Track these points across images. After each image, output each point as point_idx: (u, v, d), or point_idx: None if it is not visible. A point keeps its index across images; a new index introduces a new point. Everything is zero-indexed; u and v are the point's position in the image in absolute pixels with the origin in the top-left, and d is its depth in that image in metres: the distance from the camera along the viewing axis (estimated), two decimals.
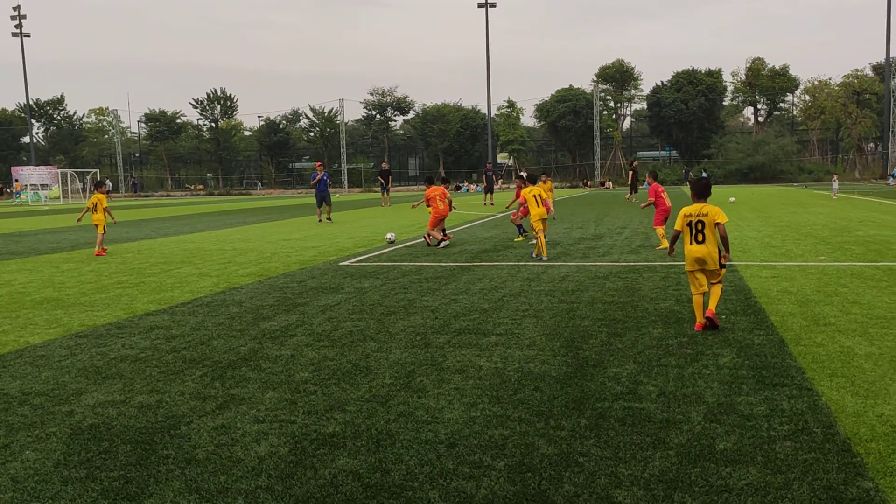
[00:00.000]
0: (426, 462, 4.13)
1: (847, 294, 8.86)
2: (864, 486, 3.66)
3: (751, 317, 7.72)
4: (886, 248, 13.37)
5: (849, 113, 74.87)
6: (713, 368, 5.81)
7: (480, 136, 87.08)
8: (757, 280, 10.10)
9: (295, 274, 11.99)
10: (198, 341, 7.25)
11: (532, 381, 5.60)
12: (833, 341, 6.59)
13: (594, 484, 3.80)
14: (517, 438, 4.45)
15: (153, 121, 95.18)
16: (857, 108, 74.83)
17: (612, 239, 16.61)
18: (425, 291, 9.87)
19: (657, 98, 78.34)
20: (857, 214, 22.50)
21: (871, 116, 74.26)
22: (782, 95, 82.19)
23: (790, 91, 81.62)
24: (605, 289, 9.71)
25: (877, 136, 76.41)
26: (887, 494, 3.58)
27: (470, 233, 19.50)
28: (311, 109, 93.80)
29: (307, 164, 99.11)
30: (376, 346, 6.89)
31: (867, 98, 74.91)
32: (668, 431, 4.49)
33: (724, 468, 3.93)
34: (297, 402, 5.24)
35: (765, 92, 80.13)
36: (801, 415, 4.70)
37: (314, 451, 4.34)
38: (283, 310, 8.81)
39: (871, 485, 3.68)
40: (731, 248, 13.83)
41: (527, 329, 7.42)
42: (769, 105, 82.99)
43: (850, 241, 14.76)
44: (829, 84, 77.33)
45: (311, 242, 17.65)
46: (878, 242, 14.29)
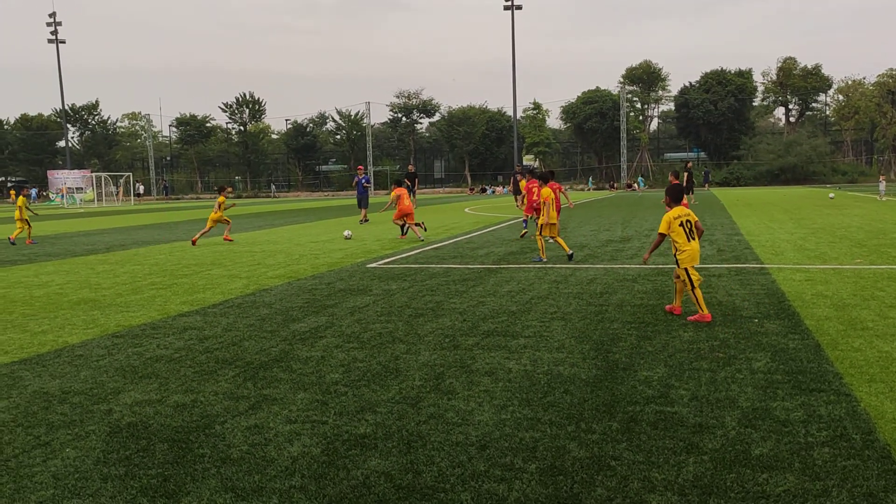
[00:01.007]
0: (457, 464, 4.14)
1: (885, 298, 8.71)
2: None
3: (785, 321, 7.61)
4: None
5: (884, 113, 73.60)
6: (747, 373, 5.75)
7: (506, 139, 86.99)
8: (790, 283, 9.97)
9: (323, 276, 12.07)
10: (230, 342, 7.33)
11: (562, 384, 5.58)
12: (871, 346, 6.48)
13: (627, 488, 3.78)
14: (548, 441, 4.44)
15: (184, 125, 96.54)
16: (893, 107, 73.50)
17: (640, 241, 16.49)
18: (453, 293, 9.88)
19: (685, 99, 77.67)
20: (893, 217, 22.09)
21: None
22: (815, 95, 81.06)
23: (823, 91, 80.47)
24: (634, 291, 9.64)
25: None
26: None
27: (496, 235, 19.47)
28: (338, 112, 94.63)
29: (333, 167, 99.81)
30: (405, 347, 6.91)
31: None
32: (701, 436, 4.44)
33: (761, 474, 3.88)
34: (328, 403, 5.28)
35: (796, 92, 79.08)
36: (840, 421, 4.63)
37: (346, 451, 4.36)
38: (313, 311, 8.87)
39: None
40: (764, 250, 13.74)
41: (555, 331, 7.39)
42: (801, 105, 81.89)
43: (886, 243, 14.51)
44: (863, 83, 76.15)
45: (339, 244, 17.75)
46: None
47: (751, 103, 79.64)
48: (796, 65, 78.12)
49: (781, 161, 70.59)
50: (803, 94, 79.46)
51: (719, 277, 10.64)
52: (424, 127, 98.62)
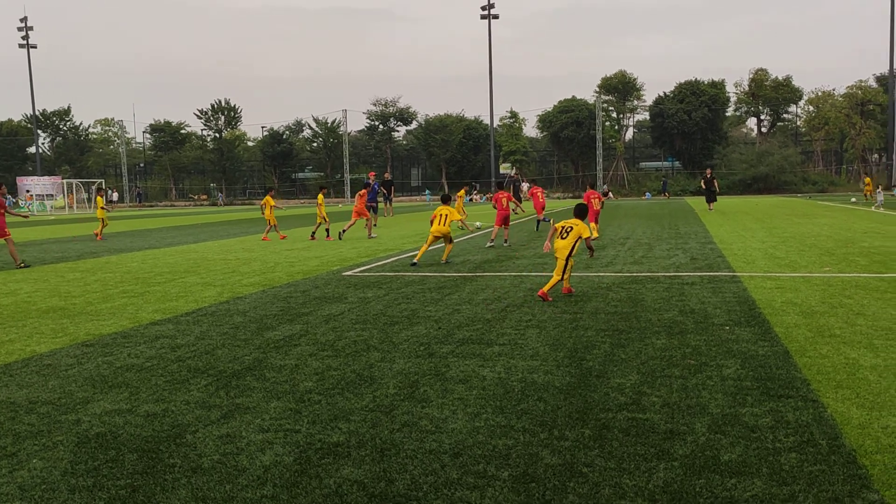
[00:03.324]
0: (430, 471, 4.14)
1: (852, 305, 8.86)
2: (870, 499, 3.66)
3: (755, 328, 7.71)
4: (891, 259, 13.36)
5: (853, 124, 74.87)
6: (717, 379, 5.81)
7: (483, 147, 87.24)
8: (761, 291, 10.10)
9: (298, 284, 12.02)
10: (203, 351, 7.27)
11: (535, 392, 5.61)
12: (838, 353, 6.58)
13: (598, 495, 3.80)
14: (521, 448, 4.45)
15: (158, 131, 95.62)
16: (862, 119, 74.84)
17: (616, 249, 16.62)
18: (428, 301, 9.88)
19: (660, 109, 78.45)
20: (861, 226, 22.47)
21: (875, 127, 74.24)
22: (786, 106, 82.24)
23: (794, 102, 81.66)
24: (609, 299, 9.72)
25: (881, 147, 76.38)
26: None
27: (473, 243, 19.52)
28: (315, 120, 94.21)
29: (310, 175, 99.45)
30: (380, 355, 6.90)
31: (871, 109, 74.90)
32: (672, 442, 4.49)
33: (729, 480, 3.93)
34: (301, 412, 5.26)
35: (768, 103, 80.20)
36: (807, 426, 4.70)
37: (319, 460, 4.35)
38: (287, 319, 8.83)
39: (877, 497, 3.68)
40: (736, 259, 13.92)
41: (530, 339, 7.42)
42: (773, 116, 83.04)
43: (854, 252, 14.75)
44: (832, 95, 77.36)
45: (315, 252, 17.68)
46: (883, 254, 14.28)
47: (724, 113, 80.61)
48: (768, 76, 79.24)
49: (754, 171, 71.49)
50: (775, 104, 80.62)
51: (692, 286, 10.76)
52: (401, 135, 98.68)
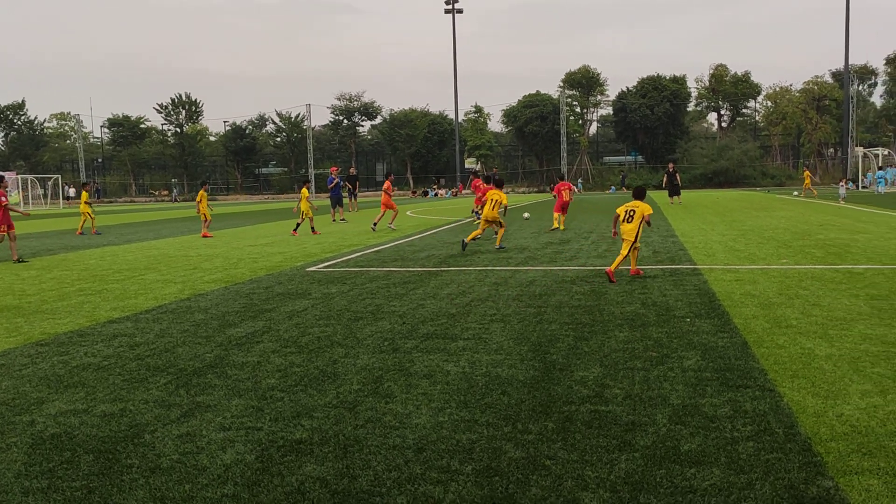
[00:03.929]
0: (394, 467, 4.12)
1: (808, 296, 9.04)
2: (825, 485, 3.74)
3: (715, 319, 7.83)
4: (845, 251, 13.67)
5: (809, 119, 76.43)
6: (678, 371, 5.89)
7: (448, 142, 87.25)
8: (721, 283, 10.26)
9: (262, 280, 11.90)
10: (162, 349, 7.15)
11: (499, 386, 5.62)
12: (794, 343, 6.71)
13: (561, 487, 3.82)
14: (484, 443, 4.46)
15: (116, 126, 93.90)
16: (817, 113, 76.43)
17: (579, 243, 16.75)
18: (393, 297, 9.86)
19: (623, 104, 79.20)
20: (817, 218, 22.95)
21: (830, 122, 75.87)
22: (745, 101, 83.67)
23: (752, 97, 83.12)
24: (572, 293, 9.78)
25: (836, 142, 78.09)
26: (846, 493, 3.65)
27: (438, 238, 19.52)
28: (278, 114, 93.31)
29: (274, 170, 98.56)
30: (344, 351, 6.86)
31: (827, 104, 76.53)
32: (633, 434, 4.53)
33: (689, 469, 3.98)
34: (263, 409, 5.20)
35: (728, 98, 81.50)
36: (764, 416, 4.78)
37: (281, 458, 4.30)
38: (250, 316, 8.73)
39: (831, 483, 3.76)
40: (697, 252, 14.12)
41: (494, 333, 7.44)
42: (732, 111, 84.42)
43: (810, 244, 15.06)
44: (789, 90, 78.91)
45: (278, 248, 17.52)
46: (838, 246, 14.60)
47: (685, 108, 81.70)
48: (727, 72, 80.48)
49: (714, 165, 72.61)
50: (734, 100, 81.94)
51: (654, 279, 10.88)
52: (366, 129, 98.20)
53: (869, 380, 5.51)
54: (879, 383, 5.41)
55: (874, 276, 10.53)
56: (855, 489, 3.69)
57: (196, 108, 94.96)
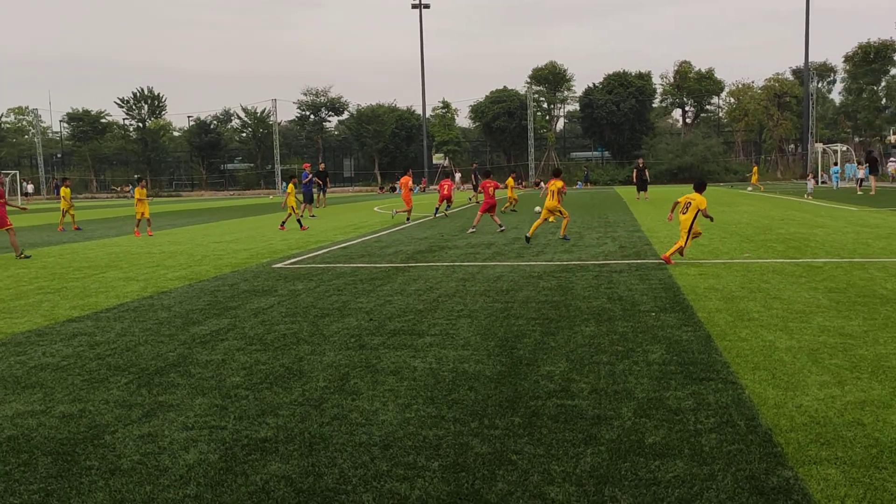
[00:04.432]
0: (360, 465, 4.10)
1: (769, 290, 9.19)
2: (784, 475, 3.80)
3: (679, 313, 7.92)
4: (805, 245, 13.93)
5: (770, 115, 77.75)
6: (643, 364, 5.94)
7: (416, 137, 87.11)
8: (685, 278, 10.38)
9: (226, 277, 11.76)
10: (124, 348, 7.03)
11: (466, 381, 5.62)
12: (756, 336, 6.82)
13: (527, 482, 3.83)
14: (451, 438, 4.46)
15: (76, 120, 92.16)
16: (779, 110, 77.77)
17: (546, 238, 16.83)
18: (360, 293, 9.81)
19: (589, 99, 79.78)
20: (778, 213, 23.35)
21: (791, 119, 77.26)
22: (708, 98, 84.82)
23: (716, 94, 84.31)
24: (539, 288, 9.83)
25: (797, 138, 79.56)
26: (805, 482, 3.72)
27: (406, 233, 19.47)
28: (244, 109, 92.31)
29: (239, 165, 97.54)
30: (310, 348, 6.81)
31: (788, 101, 77.92)
32: (599, 427, 4.56)
33: (653, 462, 4.02)
34: (227, 408, 5.14)
35: (692, 94, 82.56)
36: (726, 408, 4.85)
37: (245, 457, 4.25)
38: (214, 314, 8.62)
39: (791, 473, 3.82)
40: (662, 247, 14.26)
41: (461, 329, 7.44)
42: (696, 107, 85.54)
43: (772, 238, 15.32)
44: (752, 87, 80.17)
45: (244, 245, 17.34)
46: (798, 240, 14.87)
47: (650, 104, 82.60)
48: (691, 68, 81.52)
49: (679, 160, 73.51)
50: (698, 96, 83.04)
51: (620, 273, 10.98)
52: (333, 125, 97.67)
53: (827, 371, 5.61)
54: (837, 374, 5.52)
55: (832, 269, 10.74)
56: (814, 479, 3.76)
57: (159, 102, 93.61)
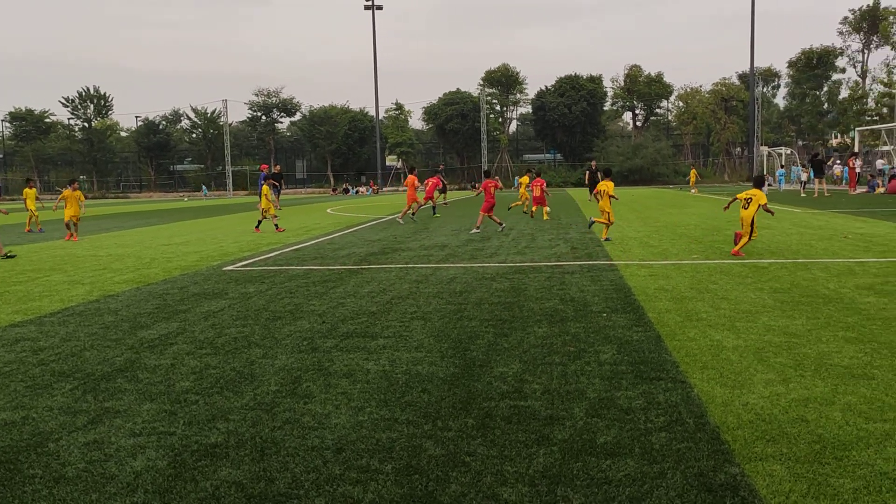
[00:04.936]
0: (312, 469, 4.06)
1: (717, 290, 9.39)
2: (731, 472, 3.89)
3: (630, 314, 8.04)
4: (751, 245, 14.26)
5: (718, 119, 79.51)
6: (595, 365, 6.01)
7: (369, 139, 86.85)
8: (636, 278, 10.54)
9: (176, 280, 11.54)
10: (68, 353, 6.84)
11: (420, 383, 5.62)
12: (704, 335, 6.96)
13: (480, 483, 3.85)
14: (404, 441, 4.45)
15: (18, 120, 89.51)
16: (726, 114, 79.58)
17: (500, 240, 16.92)
18: (312, 295, 9.73)
19: (542, 102, 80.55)
20: (725, 215, 23.85)
21: (737, 122, 79.11)
22: (658, 101, 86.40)
23: (665, 97, 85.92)
24: (492, 289, 9.87)
25: (743, 141, 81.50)
26: (752, 479, 3.81)
27: (359, 235, 19.38)
28: (193, 110, 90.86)
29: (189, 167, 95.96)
30: (261, 352, 6.73)
31: (734, 105, 79.76)
32: (552, 428, 4.60)
33: (605, 461, 4.07)
34: (177, 413, 5.04)
35: (642, 98, 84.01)
36: (676, 406, 4.94)
37: (195, 462, 4.18)
38: (163, 317, 8.45)
39: (738, 470, 3.91)
40: (613, 248, 14.47)
41: (415, 331, 7.43)
42: (646, 110, 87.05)
43: (719, 240, 15.66)
44: (699, 91, 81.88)
45: (194, 247, 17.04)
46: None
47: (602, 107, 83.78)
48: (641, 72, 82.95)
49: (630, 163, 74.68)
50: (648, 99, 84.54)
51: (572, 274, 11.09)
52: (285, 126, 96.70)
53: (772, 369, 5.76)
54: (782, 372, 5.67)
55: (777, 269, 11.03)
56: (759, 475, 3.85)
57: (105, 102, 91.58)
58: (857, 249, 13.28)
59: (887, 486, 3.70)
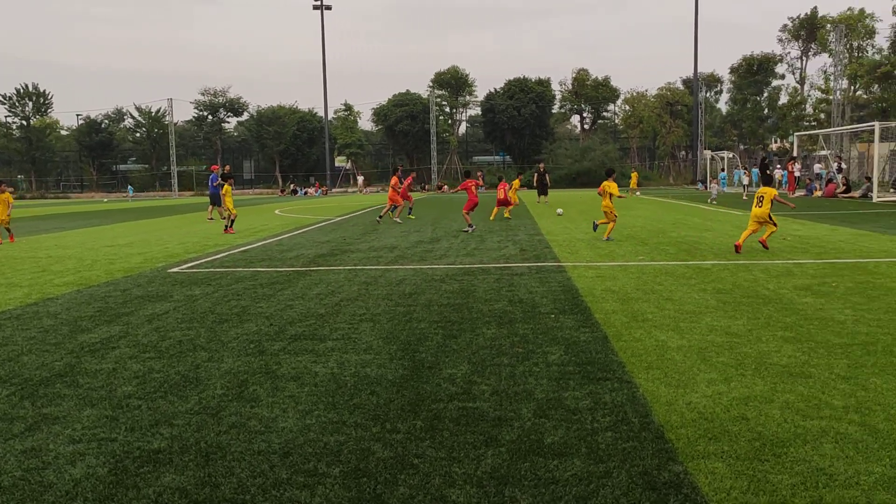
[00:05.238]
0: (258, 473, 4.01)
1: (662, 291, 9.57)
2: (675, 470, 3.97)
3: (578, 315, 8.14)
4: (695, 247, 14.60)
5: (663, 122, 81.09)
6: (543, 366, 6.07)
7: (318, 140, 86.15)
8: (584, 280, 10.68)
9: (119, 282, 11.26)
10: (5, 357, 6.62)
11: (368, 386, 5.60)
12: (650, 336, 7.09)
13: (428, 485, 3.85)
14: (353, 444, 4.42)
15: None
16: (671, 118, 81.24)
17: (449, 242, 16.96)
18: (260, 298, 9.60)
19: (491, 104, 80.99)
20: (670, 217, 24.36)
21: (682, 126, 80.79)
22: (605, 105, 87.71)
23: (612, 101, 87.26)
24: (442, 291, 9.89)
25: (688, 145, 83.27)
26: (694, 476, 3.89)
27: (307, 237, 19.20)
28: (137, 109, 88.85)
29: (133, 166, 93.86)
30: (207, 355, 6.61)
31: (679, 109, 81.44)
32: (500, 429, 4.63)
33: (552, 461, 4.11)
34: (118, 419, 4.92)
35: (589, 101, 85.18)
36: (621, 406, 5.02)
37: (137, 469, 4.08)
38: (105, 321, 8.24)
39: (681, 468, 3.99)
40: (561, 249, 14.64)
41: (364, 333, 7.40)
42: (594, 114, 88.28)
43: (664, 241, 15.97)
44: (645, 95, 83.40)
45: (138, 248, 16.66)
46: (689, 243, 15.57)
47: (550, 110, 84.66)
48: (589, 76, 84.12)
49: (578, 165, 75.61)
50: (595, 103, 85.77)
51: (521, 276, 11.18)
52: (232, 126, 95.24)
53: (714, 368, 5.90)
54: (724, 371, 5.81)
55: (720, 271, 11.30)
56: (702, 472, 3.94)
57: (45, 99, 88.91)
58: (795, 251, 13.70)
59: (823, 481, 3.82)
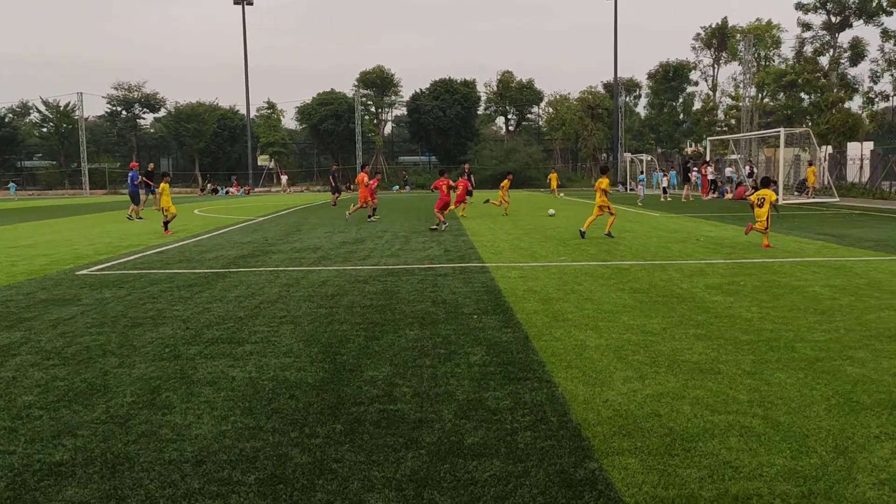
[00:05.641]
0: (168, 484, 3.87)
1: (582, 291, 9.74)
2: (591, 467, 4.03)
3: (500, 315, 8.19)
4: (615, 248, 14.93)
5: (585, 125, 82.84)
6: (465, 366, 6.08)
7: (239, 138, 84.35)
8: (506, 280, 10.77)
9: (21, 285, 10.73)
10: None
11: (287, 390, 5.48)
12: (569, 335, 7.19)
13: (347, 490, 3.79)
14: (270, 450, 4.32)
15: None
16: (592, 121, 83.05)
17: (373, 243, 16.86)
18: (176, 300, 9.31)
19: (416, 105, 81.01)
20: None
21: (603, 129, 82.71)
22: (529, 107, 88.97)
23: (536, 103, 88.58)
24: (365, 292, 9.80)
25: (608, 147, 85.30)
26: (609, 473, 3.96)
27: (228, 237, 18.75)
28: (44, 102, 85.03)
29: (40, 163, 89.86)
30: (117, 361, 6.35)
31: (600, 112, 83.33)
32: (420, 431, 4.61)
33: (472, 462, 4.11)
34: (17, 430, 4.67)
35: (514, 103, 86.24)
36: (541, 405, 5.07)
37: (37, 483, 3.88)
38: (5, 326, 7.83)
39: (596, 465, 4.06)
40: (485, 250, 14.75)
41: (284, 336, 7.26)
42: (518, 115, 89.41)
43: (585, 242, 16.28)
44: (568, 98, 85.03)
45: (43, 250, 15.92)
46: (608, 243, 15.91)
47: (475, 112, 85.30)
48: (513, 78, 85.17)
49: (503, 167, 76.26)
50: (519, 105, 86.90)
51: (445, 277, 11.20)
52: (148, 122, 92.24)
53: (630, 367, 6.03)
54: (639, 369, 5.95)
55: (637, 271, 11.59)
56: (616, 468, 4.01)
57: None
58: (707, 251, 14.18)
59: (729, 474, 3.95)
